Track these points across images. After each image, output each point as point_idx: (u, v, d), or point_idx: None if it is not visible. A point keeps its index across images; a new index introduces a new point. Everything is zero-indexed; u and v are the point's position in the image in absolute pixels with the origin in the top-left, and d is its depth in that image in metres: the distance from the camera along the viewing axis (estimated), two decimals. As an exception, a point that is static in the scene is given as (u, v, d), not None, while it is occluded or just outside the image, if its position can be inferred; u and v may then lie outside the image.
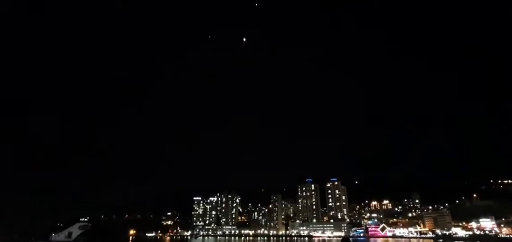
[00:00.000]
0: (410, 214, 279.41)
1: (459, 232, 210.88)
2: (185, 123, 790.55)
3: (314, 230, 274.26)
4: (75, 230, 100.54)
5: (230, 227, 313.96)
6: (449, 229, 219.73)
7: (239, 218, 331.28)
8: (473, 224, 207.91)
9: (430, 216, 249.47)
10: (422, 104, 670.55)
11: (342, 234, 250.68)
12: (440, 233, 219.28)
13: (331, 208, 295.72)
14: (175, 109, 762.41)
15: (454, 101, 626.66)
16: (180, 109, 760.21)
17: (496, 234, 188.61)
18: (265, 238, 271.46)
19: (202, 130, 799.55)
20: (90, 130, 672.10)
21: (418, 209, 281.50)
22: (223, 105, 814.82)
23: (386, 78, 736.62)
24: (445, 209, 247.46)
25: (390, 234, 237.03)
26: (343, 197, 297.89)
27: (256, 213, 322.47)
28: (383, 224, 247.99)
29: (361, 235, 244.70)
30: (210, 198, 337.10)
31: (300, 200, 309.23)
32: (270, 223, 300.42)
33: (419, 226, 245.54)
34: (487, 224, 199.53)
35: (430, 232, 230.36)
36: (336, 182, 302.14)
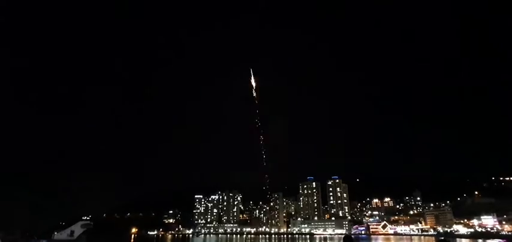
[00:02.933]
0: (411, 212, 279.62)
1: (460, 229, 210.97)
2: (186, 121, 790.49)
3: (315, 228, 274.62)
4: (78, 229, 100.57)
5: (232, 225, 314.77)
6: (450, 227, 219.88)
7: (241, 216, 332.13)
8: (475, 222, 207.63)
9: (432, 213, 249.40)
10: (424, 103, 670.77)
11: (344, 232, 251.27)
12: (441, 231, 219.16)
13: (332, 206, 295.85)
14: (176, 108, 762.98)
15: (456, 99, 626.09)
16: (181, 108, 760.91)
17: (498, 231, 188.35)
18: (267, 235, 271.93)
19: (202, 129, 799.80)
20: (92, 129, 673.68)
21: (420, 206, 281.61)
22: (223, 104, 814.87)
23: (388, 78, 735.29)
24: (446, 207, 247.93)
25: (392, 232, 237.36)
26: (345, 195, 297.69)
27: (257, 211, 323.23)
28: (384, 221, 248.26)
29: (363, 232, 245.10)
30: (211, 196, 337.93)
31: (301, 198, 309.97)
32: (271, 221, 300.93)
33: (421, 223, 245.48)
34: (489, 221, 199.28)
35: (432, 230, 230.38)
36: (337, 180, 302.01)
